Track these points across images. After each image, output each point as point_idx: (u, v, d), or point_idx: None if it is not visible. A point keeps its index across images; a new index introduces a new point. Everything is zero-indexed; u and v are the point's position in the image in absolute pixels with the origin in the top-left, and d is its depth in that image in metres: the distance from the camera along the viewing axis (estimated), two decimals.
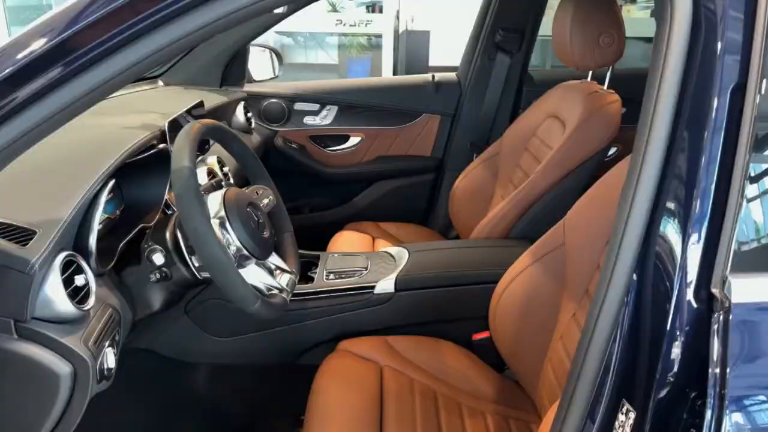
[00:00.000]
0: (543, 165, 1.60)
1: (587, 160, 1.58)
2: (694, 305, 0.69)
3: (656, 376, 0.70)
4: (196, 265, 1.06)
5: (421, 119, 2.31)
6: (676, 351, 0.70)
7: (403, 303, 1.47)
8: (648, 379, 0.72)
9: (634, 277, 0.73)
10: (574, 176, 1.59)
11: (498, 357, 1.41)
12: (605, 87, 1.67)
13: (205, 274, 1.07)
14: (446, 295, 1.49)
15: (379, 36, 6.92)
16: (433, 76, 2.28)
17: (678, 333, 0.69)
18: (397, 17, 6.92)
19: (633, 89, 1.65)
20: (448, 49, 6.51)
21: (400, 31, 6.88)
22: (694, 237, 0.69)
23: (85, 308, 0.88)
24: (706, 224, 0.68)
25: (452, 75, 2.33)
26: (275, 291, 1.09)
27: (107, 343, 0.93)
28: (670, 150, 0.71)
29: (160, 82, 2.06)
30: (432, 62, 6.53)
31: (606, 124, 1.56)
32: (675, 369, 0.70)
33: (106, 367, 0.92)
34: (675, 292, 0.69)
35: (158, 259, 1.04)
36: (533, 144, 1.82)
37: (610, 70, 1.67)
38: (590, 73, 1.75)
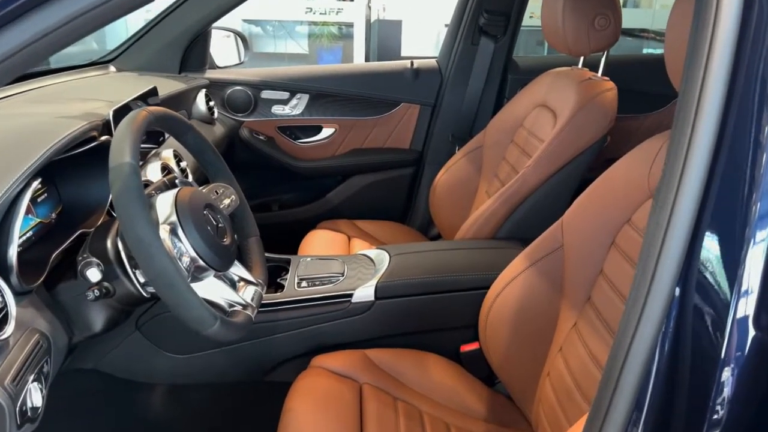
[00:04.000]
0: (534, 159, 1.47)
1: (582, 153, 1.46)
2: (753, 332, 0.56)
3: (705, 419, 0.58)
4: (141, 280, 0.90)
5: (399, 109, 2.16)
6: (728, 388, 0.57)
7: (384, 312, 1.33)
8: (692, 421, 0.59)
9: (677, 292, 0.60)
10: (568, 171, 1.47)
11: (489, 370, 1.29)
12: (599, 74, 1.55)
13: (154, 290, 0.92)
14: (432, 303, 1.35)
15: (351, 25, 6.78)
16: (412, 63, 2.13)
17: (731, 365, 0.57)
18: (369, 6, 6.78)
19: (619, 78, 1.55)
20: (420, 40, 6.46)
21: (372, 20, 6.76)
22: (752, 246, 0.56)
23: (1, 337, 0.72)
24: None
25: (432, 62, 2.19)
26: (238, 307, 0.94)
27: (32, 378, 0.77)
28: (720, 142, 0.58)
29: (112, 68, 1.87)
30: (404, 52, 6.43)
31: (602, 114, 1.44)
32: (727, 410, 0.57)
33: (29, 406, 0.76)
34: (728, 317, 0.56)
35: (93, 275, 0.88)
36: (520, 136, 1.70)
37: (605, 56, 1.55)
38: (581, 59, 1.63)
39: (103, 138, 1.09)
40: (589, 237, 1.10)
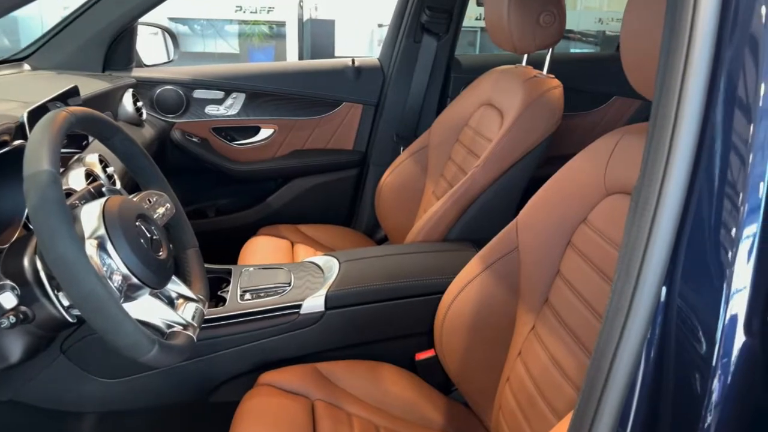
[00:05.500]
0: (483, 159, 1.44)
1: (530, 152, 1.44)
2: (744, 338, 0.53)
3: (694, 431, 0.54)
4: (65, 303, 0.80)
5: (341, 109, 2.09)
6: (718, 398, 0.54)
7: (334, 323, 1.26)
8: None
9: (662, 298, 0.56)
10: (517, 170, 1.45)
11: (444, 377, 1.25)
12: (545, 71, 1.54)
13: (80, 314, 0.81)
14: (385, 311, 1.30)
15: (282, 24, 6.66)
16: (353, 61, 2.07)
17: (721, 374, 0.54)
18: (301, 5, 6.68)
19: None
20: (354, 40, 6.42)
21: (305, 19, 6.66)
22: (740, 249, 0.53)
23: None
24: (759, 224, 0.52)
25: (374, 60, 2.13)
26: (178, 328, 0.85)
27: None
28: (702, 140, 0.55)
29: (26, 66, 1.71)
30: (338, 52, 6.38)
31: (549, 112, 1.43)
32: (716, 421, 0.54)
33: None
34: (717, 323, 0.53)
35: (7, 300, 0.77)
36: (466, 135, 1.67)
37: (549, 53, 1.54)
38: (525, 57, 1.62)
39: (17, 143, 0.97)
40: (544, 237, 1.08)
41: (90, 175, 1.14)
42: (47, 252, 0.68)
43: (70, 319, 0.81)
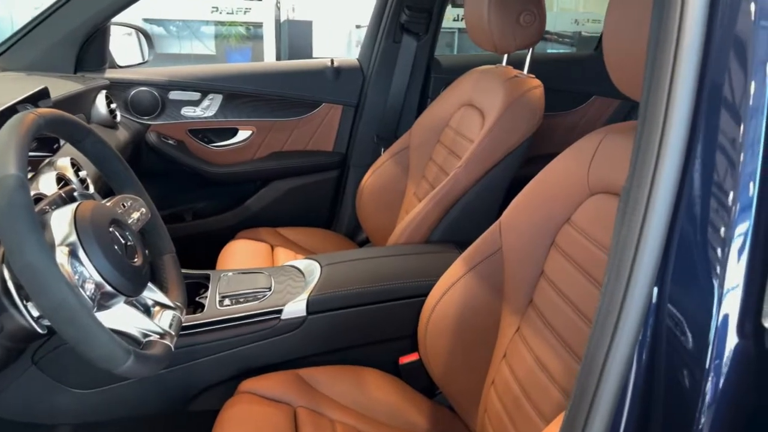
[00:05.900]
0: (465, 159, 1.43)
1: (512, 152, 1.44)
2: (736, 340, 0.52)
3: None
4: (35, 314, 0.76)
5: (320, 109, 2.06)
6: (711, 401, 0.53)
7: (316, 328, 1.24)
8: None
9: (654, 299, 0.55)
10: (499, 170, 1.45)
11: (429, 380, 1.23)
12: (525, 71, 1.54)
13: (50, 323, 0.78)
14: (368, 315, 1.28)
15: (259, 25, 6.62)
16: (332, 61, 2.05)
17: (713, 376, 0.53)
18: (278, 6, 6.64)
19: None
20: (332, 41, 6.41)
21: (282, 20, 6.62)
22: (732, 248, 0.52)
23: None
24: (751, 222, 0.52)
25: (353, 60, 2.11)
26: (154, 336, 0.82)
27: None
28: (693, 133, 0.54)
29: None
30: (315, 53, 6.35)
31: (530, 112, 1.43)
32: (710, 424, 0.53)
33: None
34: (710, 325, 0.52)
35: None
36: (447, 135, 1.66)
37: (530, 53, 1.54)
38: (505, 57, 1.62)
39: None
40: (528, 238, 1.07)
41: (61, 180, 1.10)
42: (14, 260, 0.65)
43: (40, 330, 0.78)
